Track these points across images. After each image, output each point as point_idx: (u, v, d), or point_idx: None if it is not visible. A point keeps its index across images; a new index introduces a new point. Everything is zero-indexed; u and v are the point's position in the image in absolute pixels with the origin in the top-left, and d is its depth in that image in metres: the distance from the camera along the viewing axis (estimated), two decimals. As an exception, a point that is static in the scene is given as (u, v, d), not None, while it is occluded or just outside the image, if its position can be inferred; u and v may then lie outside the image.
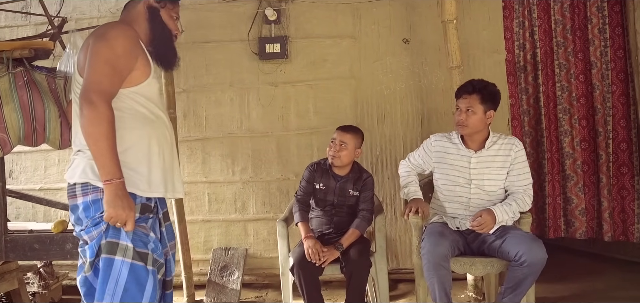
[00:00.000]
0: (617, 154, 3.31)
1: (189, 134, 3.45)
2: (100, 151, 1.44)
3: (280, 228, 2.60)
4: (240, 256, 3.33)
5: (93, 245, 1.54)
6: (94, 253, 1.54)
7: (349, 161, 2.54)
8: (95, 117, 1.43)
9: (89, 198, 1.53)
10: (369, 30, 3.38)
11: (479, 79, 2.39)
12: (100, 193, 1.50)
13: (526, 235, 2.20)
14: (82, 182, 1.54)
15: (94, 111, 1.43)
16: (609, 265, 3.42)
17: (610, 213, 3.29)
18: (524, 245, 2.09)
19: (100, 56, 1.51)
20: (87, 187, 1.54)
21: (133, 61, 1.58)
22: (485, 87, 2.33)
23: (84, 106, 1.45)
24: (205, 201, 3.44)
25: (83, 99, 1.46)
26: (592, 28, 3.31)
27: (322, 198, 2.58)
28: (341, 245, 2.38)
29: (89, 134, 1.45)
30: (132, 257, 1.52)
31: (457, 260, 2.26)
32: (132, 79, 1.59)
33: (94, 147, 1.45)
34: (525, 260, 2.06)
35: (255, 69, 3.41)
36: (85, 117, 1.45)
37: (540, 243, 2.13)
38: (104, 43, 1.54)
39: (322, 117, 3.34)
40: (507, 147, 2.36)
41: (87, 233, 1.55)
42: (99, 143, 1.44)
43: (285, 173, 3.39)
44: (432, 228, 2.32)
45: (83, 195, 1.54)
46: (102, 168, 1.45)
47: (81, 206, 1.55)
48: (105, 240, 1.52)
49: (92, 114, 1.44)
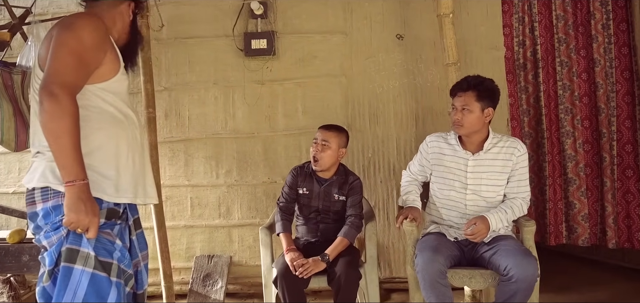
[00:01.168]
0: (622, 157, 3.16)
1: (171, 134, 3.27)
2: (62, 149, 1.30)
3: (264, 236, 2.42)
4: (224, 264, 3.14)
5: (52, 252, 1.40)
6: (53, 261, 1.39)
7: (333, 163, 2.37)
8: (57, 111, 1.29)
9: (50, 204, 1.39)
10: (360, 26, 3.22)
11: (474, 75, 2.24)
12: (62, 197, 1.36)
13: (518, 248, 2.02)
14: (42, 186, 1.40)
15: (55, 104, 1.29)
16: (613, 274, 3.29)
17: (614, 219, 3.15)
18: (513, 259, 1.93)
19: (65, 46, 1.37)
20: (47, 192, 1.40)
21: (101, 54, 1.45)
22: (481, 83, 2.19)
23: (44, 99, 1.30)
24: (188, 206, 3.26)
25: (43, 91, 1.31)
26: (595, 24, 3.16)
27: (306, 204, 2.41)
28: (327, 256, 2.20)
29: (49, 131, 1.31)
30: (93, 267, 1.38)
31: (455, 273, 2.09)
32: (100, 75, 1.46)
33: (55, 144, 1.31)
34: (513, 276, 1.90)
35: (240, 66, 3.24)
36: (46, 111, 1.30)
37: (531, 258, 1.95)
38: (70, 33, 1.39)
39: (311, 117, 3.17)
40: (509, 150, 2.20)
41: (47, 238, 1.41)
42: (60, 139, 1.30)
43: (272, 176, 3.21)
44: (426, 241, 2.15)
45: (43, 200, 1.40)
46: (63, 168, 1.32)
47: (41, 213, 1.40)
48: (65, 246, 1.38)
49: (53, 108, 1.29)
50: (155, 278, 3.09)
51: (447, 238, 2.22)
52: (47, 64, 1.36)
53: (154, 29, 3.12)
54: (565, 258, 3.54)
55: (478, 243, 2.17)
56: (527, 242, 2.17)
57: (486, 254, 2.08)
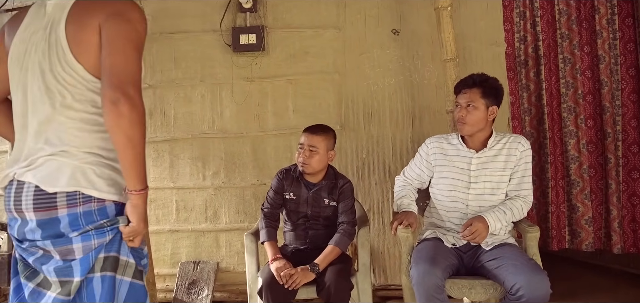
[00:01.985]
0: (627, 158, 3.03)
1: (156, 134, 3.12)
2: (139, 156, 1.25)
3: (249, 242, 2.27)
4: (211, 270, 2.99)
5: (90, 257, 1.25)
6: (87, 269, 1.25)
7: (322, 167, 2.21)
8: (136, 117, 1.21)
9: (80, 210, 1.24)
10: (354, 20, 3.07)
11: (479, 73, 2.16)
12: (95, 203, 1.25)
13: (527, 263, 1.87)
14: (71, 191, 1.23)
15: (134, 109, 1.20)
16: (618, 280, 3.16)
17: (619, 223, 3.01)
18: (523, 277, 1.78)
19: (129, 41, 1.26)
20: (75, 197, 1.24)
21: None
22: (486, 80, 2.12)
23: (122, 102, 1.18)
24: (173, 209, 3.11)
25: (120, 93, 1.19)
26: (599, 19, 3.03)
27: (293, 210, 2.25)
28: (317, 266, 2.05)
29: (128, 138, 1.21)
30: (132, 275, 1.32)
31: (454, 283, 1.95)
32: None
33: (133, 152, 1.23)
34: (523, 295, 1.76)
35: (228, 62, 3.09)
36: (124, 116, 1.18)
37: (542, 275, 1.81)
38: (130, 25, 1.28)
39: (302, 116, 3.01)
40: (513, 145, 2.11)
41: (84, 240, 1.25)
42: (138, 147, 1.23)
43: (262, 178, 3.07)
44: (422, 249, 2.01)
45: (68, 205, 1.23)
46: (138, 176, 1.26)
47: (66, 219, 1.24)
48: (104, 254, 1.27)
49: (133, 114, 1.20)
50: (137, 286, 2.93)
51: (444, 244, 2.08)
52: (113, 59, 1.22)
53: (137, 23, 2.96)
54: (568, 263, 3.41)
55: (479, 251, 2.04)
56: (531, 250, 2.03)
57: (489, 264, 1.94)
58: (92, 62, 1.25)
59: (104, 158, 1.29)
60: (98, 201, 1.26)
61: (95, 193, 1.25)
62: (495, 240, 2.04)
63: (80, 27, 1.26)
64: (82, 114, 1.27)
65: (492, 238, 2.05)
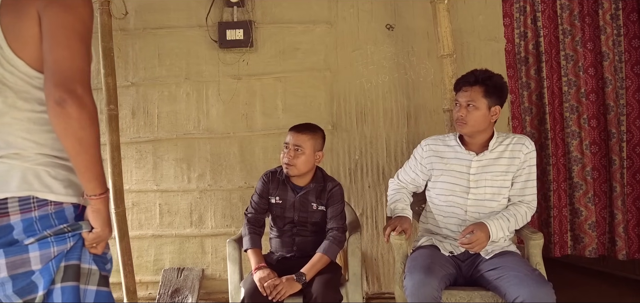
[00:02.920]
0: (632, 159, 2.90)
1: (138, 134, 2.97)
2: (94, 159, 1.15)
3: (231, 250, 2.13)
4: (196, 278, 2.84)
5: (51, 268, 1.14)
6: (50, 281, 1.14)
7: (308, 169, 2.06)
8: (86, 117, 1.10)
9: (35, 215, 1.14)
10: (347, 15, 2.94)
11: (483, 69, 2.01)
12: (52, 206, 1.15)
13: (529, 274, 1.73)
14: (23, 195, 1.13)
15: (83, 109, 1.09)
16: (622, 287, 3.02)
17: (624, 228, 2.88)
18: (526, 289, 1.64)
19: (74, 32, 1.13)
20: (28, 202, 1.13)
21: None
22: (490, 78, 1.97)
23: (68, 102, 1.07)
24: (156, 213, 2.97)
25: (65, 91, 1.07)
26: (603, 14, 2.90)
27: (279, 215, 2.11)
28: (303, 276, 1.90)
29: (78, 140, 1.11)
30: (97, 283, 1.21)
31: (451, 294, 1.82)
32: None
33: (86, 155, 1.13)
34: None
35: (215, 59, 2.95)
36: (72, 117, 1.08)
37: (547, 287, 1.67)
38: (72, 13, 1.14)
39: (292, 115, 2.87)
40: (516, 147, 1.97)
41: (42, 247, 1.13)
42: (91, 149, 1.13)
43: (249, 180, 2.92)
44: (417, 258, 1.87)
45: (21, 211, 1.13)
46: (95, 179, 1.16)
47: (20, 226, 1.13)
48: (65, 263, 1.16)
49: (82, 114, 1.09)
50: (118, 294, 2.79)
51: (441, 252, 1.94)
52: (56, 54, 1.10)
53: (117, 16, 2.82)
54: (570, 270, 3.28)
55: (478, 259, 1.90)
56: (534, 259, 1.90)
57: (489, 274, 1.80)
58: (34, 55, 1.13)
59: (58, 158, 1.18)
60: (55, 204, 1.15)
61: (52, 197, 1.14)
62: (495, 248, 1.91)
63: (17, 18, 1.14)
64: (28, 114, 1.16)
65: (492, 245, 1.91)
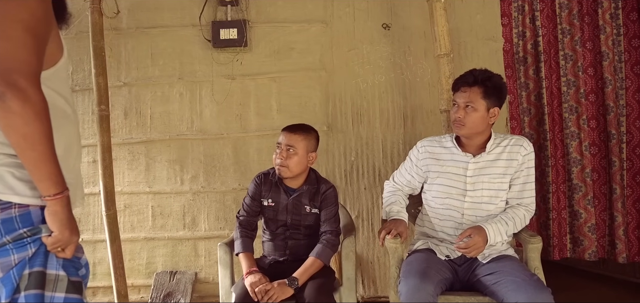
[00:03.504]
0: (632, 161, 2.86)
1: (131, 135, 2.92)
2: (42, 157, 1.04)
3: (223, 253, 2.07)
4: (188, 281, 2.79)
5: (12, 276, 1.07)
6: (13, 289, 1.07)
7: (301, 170, 2.01)
8: (30, 111, 1.00)
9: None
10: (342, 14, 2.90)
11: (482, 69, 1.95)
12: (17, 209, 1.08)
13: (528, 279, 1.68)
14: None
15: (26, 102, 0.99)
16: (622, 291, 2.97)
17: (624, 230, 2.84)
18: (524, 294, 1.60)
19: (16, 22, 1.01)
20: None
21: (50, 27, 1.11)
22: (489, 78, 1.91)
23: (8, 96, 0.97)
24: (149, 216, 2.91)
25: (5, 85, 0.97)
26: (602, 13, 2.86)
27: (272, 218, 2.06)
28: (296, 280, 1.85)
29: (23, 137, 1.01)
30: (66, 290, 1.13)
31: (447, 300, 1.78)
32: (48, 57, 1.11)
33: (32, 153, 1.03)
34: None
35: (208, 59, 2.91)
36: (15, 113, 0.98)
37: (546, 292, 1.63)
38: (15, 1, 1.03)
39: (287, 116, 2.83)
40: (514, 149, 1.92)
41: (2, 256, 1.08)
42: (39, 146, 1.03)
43: (243, 182, 2.88)
44: (413, 262, 1.82)
45: None
46: (47, 179, 1.06)
47: None
48: (30, 270, 1.09)
49: (25, 108, 0.99)
50: (109, 298, 2.74)
51: (437, 256, 1.89)
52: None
53: (109, 15, 2.77)
54: (570, 273, 3.23)
55: (475, 263, 1.86)
56: (532, 263, 1.85)
57: (486, 279, 1.75)
58: None
59: None
60: (20, 206, 1.08)
61: (16, 199, 1.07)
62: (492, 252, 1.86)
63: None
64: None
65: (489, 249, 1.86)
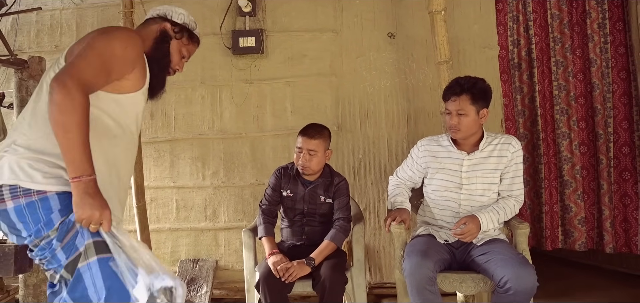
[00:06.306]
0: (619, 159, 3.08)
1: (156, 135, 3.18)
2: (71, 143, 1.26)
3: (247, 238, 2.33)
4: (210, 268, 3.04)
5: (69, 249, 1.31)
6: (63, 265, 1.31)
7: (321, 167, 2.28)
8: (68, 104, 1.25)
9: (22, 202, 1.31)
10: (351, 24, 3.14)
11: (465, 77, 2.15)
12: (35, 195, 1.30)
13: (514, 257, 1.91)
14: (11, 184, 1.32)
15: (66, 96, 1.25)
16: (610, 279, 3.19)
17: (611, 223, 3.06)
18: (510, 270, 1.82)
19: (94, 49, 1.36)
20: (15, 190, 1.31)
21: (128, 68, 1.42)
22: (474, 85, 2.10)
23: (55, 89, 1.25)
24: (173, 208, 3.17)
25: (56, 81, 1.26)
26: (591, 23, 3.09)
27: (290, 207, 2.31)
28: (313, 260, 2.10)
29: (58, 124, 1.26)
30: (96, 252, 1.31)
31: (445, 277, 2.00)
32: (118, 86, 1.42)
33: (64, 138, 1.26)
34: (510, 288, 1.80)
35: (228, 64, 3.16)
36: (55, 103, 1.25)
37: (529, 268, 1.85)
38: (104, 38, 1.39)
39: (300, 117, 3.07)
40: (504, 146, 2.14)
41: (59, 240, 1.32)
42: (69, 133, 1.26)
43: (260, 177, 3.12)
44: (415, 244, 2.06)
45: (13, 198, 1.31)
46: (70, 163, 1.27)
47: (13, 213, 1.32)
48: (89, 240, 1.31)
49: (64, 100, 1.25)
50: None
51: (437, 240, 2.13)
52: (72, 58, 1.34)
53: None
54: (562, 263, 3.44)
55: (470, 247, 2.09)
56: (521, 246, 2.08)
57: (479, 259, 1.99)
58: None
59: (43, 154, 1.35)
60: (38, 193, 1.31)
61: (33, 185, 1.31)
62: (485, 236, 2.09)
63: (79, 42, 1.40)
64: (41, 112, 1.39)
65: (482, 234, 2.09)
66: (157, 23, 1.60)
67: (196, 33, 1.70)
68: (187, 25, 1.65)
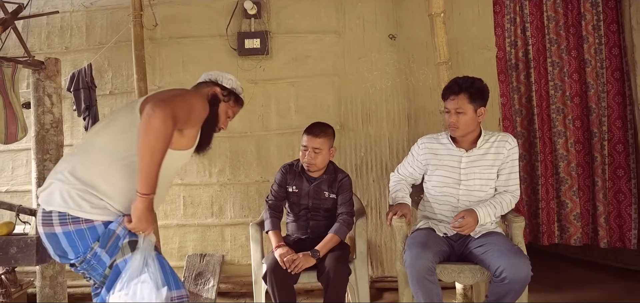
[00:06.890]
0: (613, 157, 3.18)
1: (164, 134, 3.26)
2: (152, 165, 1.41)
3: (254, 232, 2.42)
4: (217, 263, 3.14)
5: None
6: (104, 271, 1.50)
7: (326, 165, 2.39)
8: (163, 133, 1.38)
9: (71, 229, 1.44)
10: (353, 26, 3.24)
11: (463, 77, 2.24)
12: (83, 223, 1.44)
13: (509, 248, 2.01)
14: (61, 211, 1.44)
15: (163, 126, 1.38)
16: (605, 273, 3.29)
17: (606, 218, 3.15)
18: (506, 260, 1.91)
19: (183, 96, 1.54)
20: (65, 217, 1.44)
21: (197, 123, 1.60)
22: (472, 84, 2.19)
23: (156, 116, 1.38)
24: (180, 205, 3.26)
25: (158, 109, 1.38)
26: (586, 24, 3.18)
27: (295, 202, 2.41)
28: (317, 252, 2.20)
29: (148, 145, 1.39)
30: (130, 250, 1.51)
31: (444, 268, 2.09)
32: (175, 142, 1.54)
33: (149, 159, 1.41)
34: (506, 277, 1.89)
35: (234, 65, 3.26)
36: (153, 127, 1.38)
37: (524, 258, 1.94)
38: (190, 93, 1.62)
39: (303, 116, 3.16)
40: (500, 144, 2.23)
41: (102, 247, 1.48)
42: (155, 156, 1.40)
43: (265, 174, 3.22)
44: (415, 237, 2.15)
45: (61, 224, 1.44)
46: (146, 181, 1.42)
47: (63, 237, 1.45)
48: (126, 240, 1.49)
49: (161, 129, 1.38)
50: (147, 277, 3.06)
51: (436, 233, 2.22)
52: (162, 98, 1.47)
53: (148, 28, 3.14)
54: (558, 258, 3.53)
55: (468, 239, 2.18)
56: (516, 238, 2.17)
57: (476, 251, 2.08)
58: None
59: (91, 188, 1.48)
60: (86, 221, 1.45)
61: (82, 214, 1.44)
62: (482, 229, 2.18)
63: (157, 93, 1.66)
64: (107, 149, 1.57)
65: (480, 227, 2.19)
66: (208, 87, 1.75)
67: (242, 96, 1.86)
68: (235, 90, 1.80)
